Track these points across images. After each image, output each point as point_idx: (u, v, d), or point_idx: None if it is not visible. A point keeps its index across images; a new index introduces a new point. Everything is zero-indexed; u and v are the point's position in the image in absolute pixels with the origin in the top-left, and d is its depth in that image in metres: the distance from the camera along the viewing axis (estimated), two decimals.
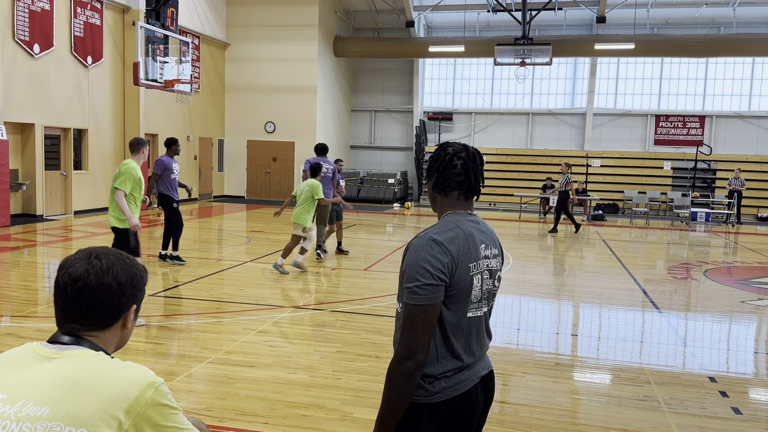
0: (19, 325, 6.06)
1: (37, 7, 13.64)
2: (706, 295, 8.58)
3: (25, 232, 12.24)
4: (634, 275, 9.79)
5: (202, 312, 6.72)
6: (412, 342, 1.97)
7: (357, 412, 4.23)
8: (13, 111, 13.29)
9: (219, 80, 21.65)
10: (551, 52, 19.85)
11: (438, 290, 1.97)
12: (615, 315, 7.38)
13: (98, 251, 1.56)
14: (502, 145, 23.97)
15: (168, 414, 1.43)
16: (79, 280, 1.50)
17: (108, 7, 16.07)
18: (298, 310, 6.92)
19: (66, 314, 1.52)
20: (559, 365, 5.42)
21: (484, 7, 21.66)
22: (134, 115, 16.87)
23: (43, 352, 1.48)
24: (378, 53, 23.31)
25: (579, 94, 23.49)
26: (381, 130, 25.18)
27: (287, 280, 8.62)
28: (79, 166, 15.63)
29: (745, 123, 22.33)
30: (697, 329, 6.85)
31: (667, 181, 22.24)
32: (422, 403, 2.03)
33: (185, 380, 4.74)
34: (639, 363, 5.54)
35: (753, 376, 5.39)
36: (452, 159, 2.15)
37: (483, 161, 2.21)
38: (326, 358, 5.35)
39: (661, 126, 22.81)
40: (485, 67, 23.90)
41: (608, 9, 21.20)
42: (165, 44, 15.47)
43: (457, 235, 2.04)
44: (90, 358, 1.46)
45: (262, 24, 21.42)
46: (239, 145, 22.19)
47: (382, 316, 6.81)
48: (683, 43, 20.57)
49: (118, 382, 1.41)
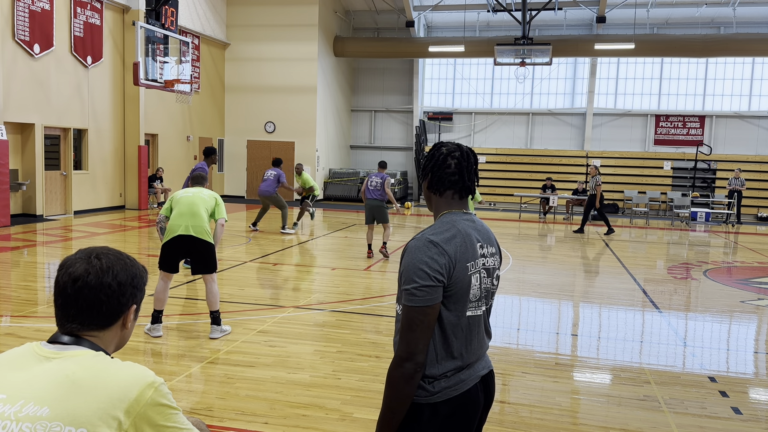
0: (19, 325, 6.06)
1: (37, 7, 13.64)
2: (706, 295, 8.58)
3: (25, 232, 12.24)
4: (634, 275, 9.79)
5: (202, 312, 6.71)
6: (411, 344, 1.97)
7: (357, 412, 4.23)
8: (13, 111, 13.29)
9: (219, 80, 21.65)
10: (551, 52, 19.85)
11: (436, 291, 1.97)
12: (615, 315, 7.38)
13: (98, 251, 1.56)
14: (502, 145, 23.97)
15: (168, 414, 1.43)
16: (79, 280, 1.50)
17: (108, 7, 16.07)
18: (298, 310, 6.92)
19: (66, 314, 1.51)
20: (559, 365, 5.42)
21: (484, 7, 21.65)
22: (134, 115, 16.87)
23: (42, 352, 1.48)
24: (378, 53, 23.31)
25: (579, 94, 23.49)
26: (381, 130, 25.18)
27: (287, 280, 8.62)
28: (79, 166, 15.63)
29: (745, 123, 22.32)
30: (697, 329, 6.85)
31: (667, 181, 22.24)
32: (422, 403, 2.03)
33: (185, 380, 4.74)
34: (639, 363, 5.54)
35: (753, 375, 5.39)
36: (446, 159, 2.16)
37: (477, 160, 2.21)
38: (326, 358, 5.35)
39: (661, 126, 22.81)
40: (485, 67, 23.90)
41: (608, 9, 21.19)
42: (165, 44, 15.47)
43: (454, 235, 2.04)
44: (90, 358, 1.46)
45: (262, 24, 21.42)
46: (239, 145, 22.18)
47: (382, 316, 6.81)
48: (683, 43, 20.57)
49: (117, 382, 1.41)
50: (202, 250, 5.84)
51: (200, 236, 5.79)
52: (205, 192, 6.04)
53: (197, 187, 6.20)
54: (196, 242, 5.80)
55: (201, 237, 5.79)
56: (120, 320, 1.56)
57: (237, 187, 22.35)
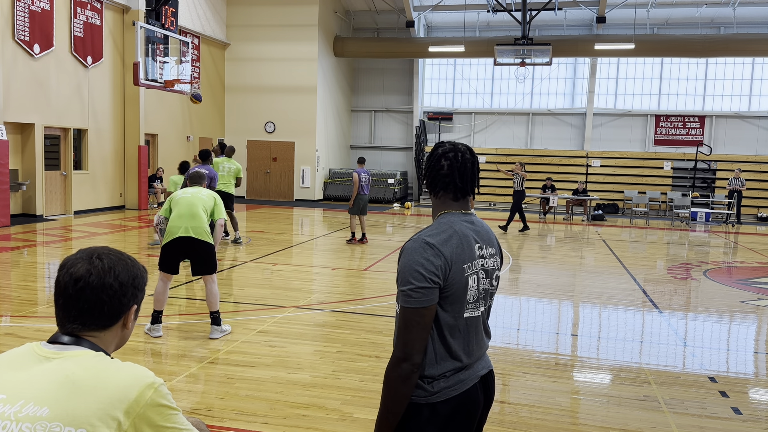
0: (19, 325, 6.06)
1: (37, 7, 13.64)
2: (706, 295, 8.58)
3: (25, 232, 12.24)
4: (634, 275, 9.79)
5: (202, 312, 6.71)
6: (408, 344, 1.97)
7: (357, 412, 4.23)
8: (13, 111, 13.29)
9: (219, 80, 21.65)
10: (551, 52, 19.84)
11: (432, 293, 1.97)
12: (615, 315, 7.38)
13: (99, 251, 1.56)
14: (502, 145, 23.97)
15: (167, 414, 1.43)
16: (80, 280, 1.49)
17: (108, 7, 16.07)
18: (298, 310, 6.92)
19: (67, 314, 1.51)
20: (559, 365, 5.42)
21: (484, 7, 21.65)
22: (134, 115, 16.87)
23: (42, 352, 1.48)
24: (378, 53, 23.31)
25: (579, 94, 23.48)
26: (381, 130, 25.18)
27: (287, 280, 8.62)
28: (79, 166, 15.63)
29: (745, 123, 22.32)
30: (697, 329, 6.85)
31: (667, 181, 22.24)
32: (421, 403, 2.03)
33: (185, 380, 4.74)
34: (639, 363, 5.54)
35: (753, 376, 5.39)
36: (440, 159, 2.14)
37: (476, 161, 2.16)
38: (326, 358, 5.35)
39: (661, 126, 22.81)
40: (485, 67, 23.90)
41: (608, 9, 21.19)
42: (165, 44, 15.47)
43: (450, 236, 2.04)
44: (89, 359, 1.46)
45: (262, 24, 21.41)
46: (239, 145, 22.17)
47: (382, 316, 6.81)
48: (683, 43, 20.57)
49: (117, 382, 1.41)
50: (202, 252, 5.83)
51: (200, 237, 5.78)
52: (203, 192, 6.03)
53: (195, 186, 6.18)
54: (196, 243, 5.79)
55: (200, 238, 5.78)
56: (121, 320, 1.56)
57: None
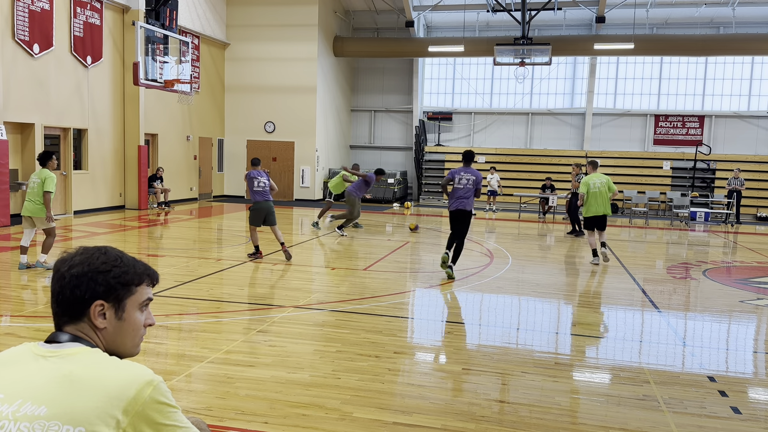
0: (19, 325, 6.06)
1: (37, 7, 13.63)
2: (706, 295, 8.58)
3: None
4: (633, 275, 9.79)
5: (202, 311, 6.72)
6: None
7: (357, 412, 4.23)
8: (13, 111, 13.29)
9: (219, 80, 21.65)
10: (551, 52, 19.84)
11: None
12: (615, 315, 7.38)
13: (86, 248, 1.60)
14: (502, 145, 23.97)
15: (167, 412, 1.43)
16: (57, 273, 1.57)
17: (108, 7, 16.06)
18: (298, 310, 6.92)
19: (54, 310, 1.57)
20: (558, 365, 5.42)
21: (484, 7, 21.65)
22: (134, 115, 16.87)
23: (40, 351, 1.48)
24: (378, 53, 23.32)
25: (578, 94, 23.49)
26: (381, 129, 25.18)
27: (287, 280, 8.62)
28: (79, 166, 15.63)
29: (745, 123, 22.33)
30: (696, 329, 6.86)
31: (667, 180, 22.25)
32: None
33: (185, 380, 4.74)
34: (638, 363, 5.54)
35: (752, 375, 5.40)
36: None
37: None
38: (326, 357, 5.35)
39: (660, 126, 22.82)
40: (485, 67, 23.90)
41: (608, 9, 21.19)
42: (165, 44, 15.48)
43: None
44: (87, 356, 1.46)
45: (262, 24, 21.41)
46: (239, 145, 22.19)
47: (382, 315, 6.81)
48: (683, 43, 20.58)
49: (115, 380, 1.41)
50: None
51: None
52: None
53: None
54: None
55: None
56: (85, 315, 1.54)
57: (237, 187, 22.34)
